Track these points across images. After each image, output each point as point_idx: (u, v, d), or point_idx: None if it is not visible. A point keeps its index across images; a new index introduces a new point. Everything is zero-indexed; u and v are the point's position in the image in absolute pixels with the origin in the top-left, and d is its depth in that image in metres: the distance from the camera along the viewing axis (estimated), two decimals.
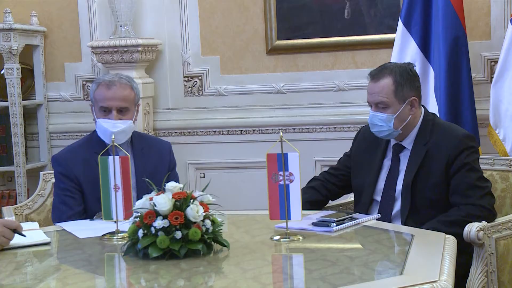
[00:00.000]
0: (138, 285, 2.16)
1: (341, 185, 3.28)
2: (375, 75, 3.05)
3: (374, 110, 3.03)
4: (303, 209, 2.53)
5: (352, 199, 3.34)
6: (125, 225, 2.47)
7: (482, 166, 3.09)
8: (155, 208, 2.29)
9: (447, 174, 2.97)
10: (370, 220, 2.79)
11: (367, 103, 3.11)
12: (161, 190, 2.37)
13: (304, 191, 3.17)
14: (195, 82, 4.73)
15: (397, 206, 3.04)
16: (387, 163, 3.11)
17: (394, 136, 3.05)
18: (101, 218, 2.68)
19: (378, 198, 3.09)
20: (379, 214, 2.93)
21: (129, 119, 3.11)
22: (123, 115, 3.10)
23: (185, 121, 4.72)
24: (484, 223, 2.67)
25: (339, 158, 3.36)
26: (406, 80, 3.01)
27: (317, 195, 3.23)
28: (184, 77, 4.74)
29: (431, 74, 4.02)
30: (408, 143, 3.07)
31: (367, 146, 3.20)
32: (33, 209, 3.36)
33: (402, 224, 2.96)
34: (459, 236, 2.61)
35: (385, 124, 3.00)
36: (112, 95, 3.08)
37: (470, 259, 2.72)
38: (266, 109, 4.62)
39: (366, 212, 3.07)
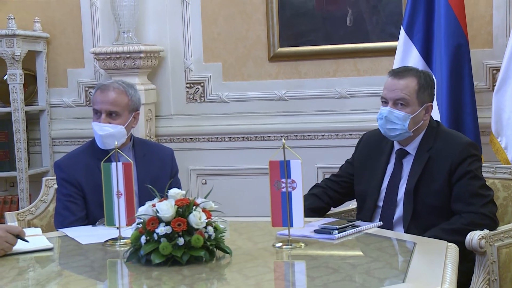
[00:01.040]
0: None
1: (343, 192, 3.29)
2: (399, 73, 3.07)
3: (391, 107, 3.03)
4: (305, 216, 2.54)
5: (354, 206, 3.35)
6: (128, 231, 2.47)
7: (484, 175, 3.09)
8: (157, 214, 2.29)
9: (450, 182, 2.97)
10: (372, 227, 2.80)
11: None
12: (163, 196, 2.37)
13: (305, 198, 3.17)
14: (197, 89, 4.74)
15: (399, 212, 3.04)
16: (390, 168, 3.12)
17: (404, 137, 3.05)
18: (104, 224, 2.68)
19: (381, 204, 3.09)
20: (381, 222, 2.93)
21: (119, 124, 3.11)
22: (113, 119, 3.10)
23: (187, 127, 4.73)
24: (486, 231, 2.67)
25: (341, 165, 3.37)
26: (428, 85, 3.07)
27: (319, 202, 3.23)
28: (186, 83, 4.75)
29: None
30: (412, 148, 3.08)
31: (370, 152, 3.20)
32: (36, 215, 3.36)
33: (404, 230, 2.97)
34: (461, 244, 2.61)
35: (400, 123, 3.00)
36: (103, 99, 3.10)
37: (472, 267, 2.72)
38: (268, 116, 4.63)
39: (370, 218, 3.07)
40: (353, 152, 3.33)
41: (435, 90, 3.18)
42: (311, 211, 3.11)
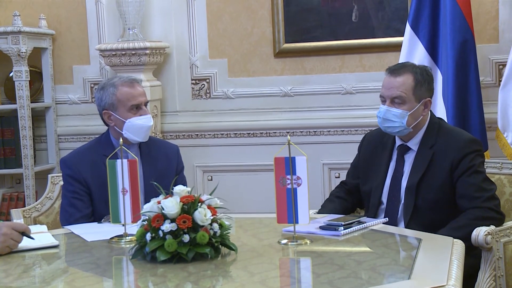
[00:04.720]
0: None
1: (356, 197, 3.29)
2: (395, 70, 3.06)
3: (388, 105, 3.03)
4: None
5: None
6: (133, 229, 2.48)
7: (490, 170, 3.09)
8: (163, 211, 2.29)
9: (451, 178, 2.97)
10: (378, 224, 2.79)
11: (377, 100, 3.10)
12: (169, 193, 2.37)
13: (330, 199, 3.20)
14: (203, 85, 4.73)
15: (402, 207, 3.04)
16: (393, 165, 3.12)
17: (404, 133, 3.05)
18: (109, 221, 2.69)
19: (385, 200, 3.10)
20: (387, 218, 2.93)
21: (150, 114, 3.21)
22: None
23: (193, 124, 4.73)
24: (492, 227, 2.67)
25: (346, 161, 3.37)
26: (425, 80, 3.06)
27: (346, 203, 3.25)
28: (192, 80, 4.75)
29: (439, 77, 4.01)
30: (413, 144, 3.08)
31: (374, 149, 3.21)
32: (42, 212, 3.37)
33: (404, 226, 2.97)
34: (469, 239, 2.61)
35: (398, 120, 3.00)
36: (139, 92, 3.15)
37: (478, 262, 2.71)
38: (273, 112, 4.62)
39: (374, 215, 3.07)
40: (357, 150, 3.33)
41: (435, 84, 3.17)
42: (341, 211, 3.13)
